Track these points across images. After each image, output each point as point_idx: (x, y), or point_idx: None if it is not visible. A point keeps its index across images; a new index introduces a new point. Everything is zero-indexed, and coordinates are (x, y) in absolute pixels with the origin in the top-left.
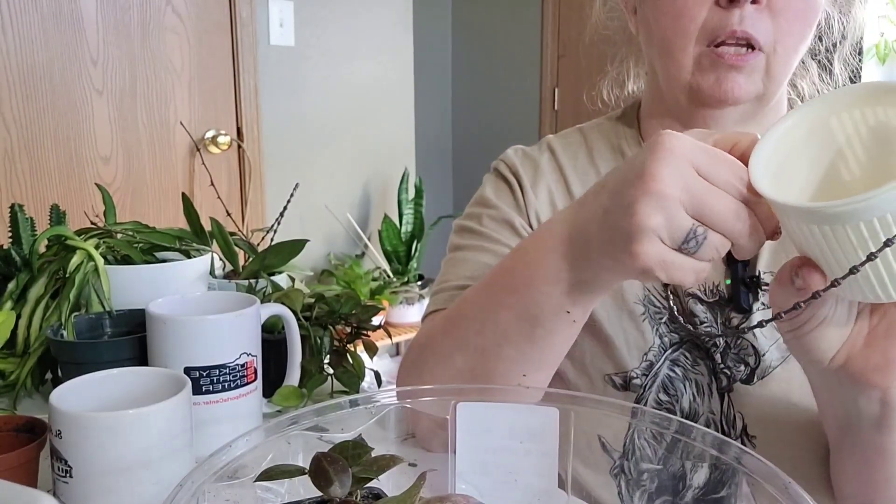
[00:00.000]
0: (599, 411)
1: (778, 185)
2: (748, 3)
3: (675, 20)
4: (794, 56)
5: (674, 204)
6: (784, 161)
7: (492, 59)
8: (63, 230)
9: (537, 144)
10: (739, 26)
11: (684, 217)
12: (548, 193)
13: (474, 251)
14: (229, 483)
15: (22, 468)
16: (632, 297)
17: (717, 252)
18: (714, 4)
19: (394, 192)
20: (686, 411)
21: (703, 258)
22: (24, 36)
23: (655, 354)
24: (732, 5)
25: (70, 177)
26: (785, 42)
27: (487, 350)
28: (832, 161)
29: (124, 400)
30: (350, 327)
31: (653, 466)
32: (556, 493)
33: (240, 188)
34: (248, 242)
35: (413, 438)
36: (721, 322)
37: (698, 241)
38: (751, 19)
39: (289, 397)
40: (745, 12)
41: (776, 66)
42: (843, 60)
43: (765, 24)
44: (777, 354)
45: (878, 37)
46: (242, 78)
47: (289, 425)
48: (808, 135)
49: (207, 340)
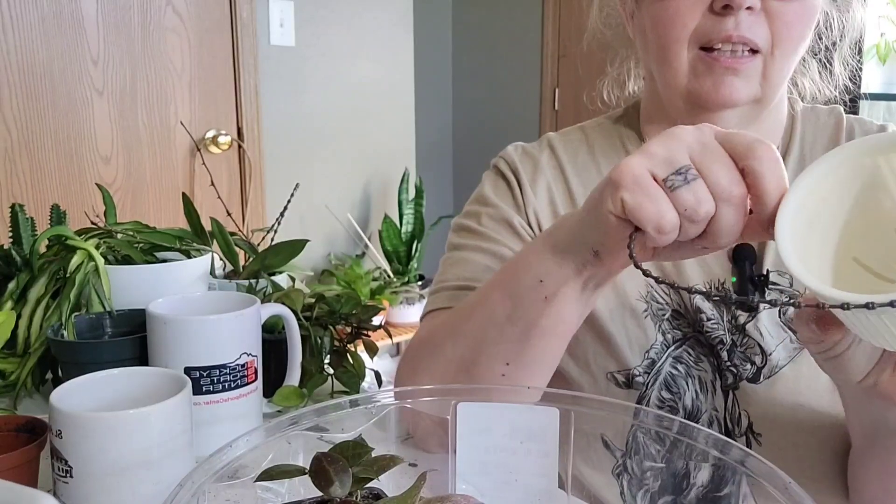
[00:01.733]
0: (600, 411)
1: (805, 243)
2: (742, 9)
3: (668, 27)
4: (791, 59)
5: (679, 144)
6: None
7: (492, 60)
8: (63, 230)
9: (537, 142)
10: (735, 31)
11: (685, 156)
12: (547, 191)
13: (473, 251)
14: (229, 483)
15: (22, 468)
16: (633, 294)
17: (694, 201)
18: (708, 11)
19: (394, 192)
20: (688, 409)
21: (677, 201)
22: (24, 36)
23: (657, 352)
24: (726, 12)
25: (70, 177)
26: (782, 46)
27: (475, 336)
28: (868, 197)
29: (125, 400)
30: (350, 327)
31: (656, 465)
32: (557, 494)
33: (240, 188)
34: (248, 242)
35: (413, 439)
36: (728, 320)
37: (687, 178)
38: (747, 24)
39: (289, 397)
40: (741, 18)
41: (773, 69)
42: (843, 60)
43: (762, 29)
44: (784, 354)
45: (878, 37)
46: (243, 78)
47: (289, 425)
48: (840, 181)
49: (208, 340)
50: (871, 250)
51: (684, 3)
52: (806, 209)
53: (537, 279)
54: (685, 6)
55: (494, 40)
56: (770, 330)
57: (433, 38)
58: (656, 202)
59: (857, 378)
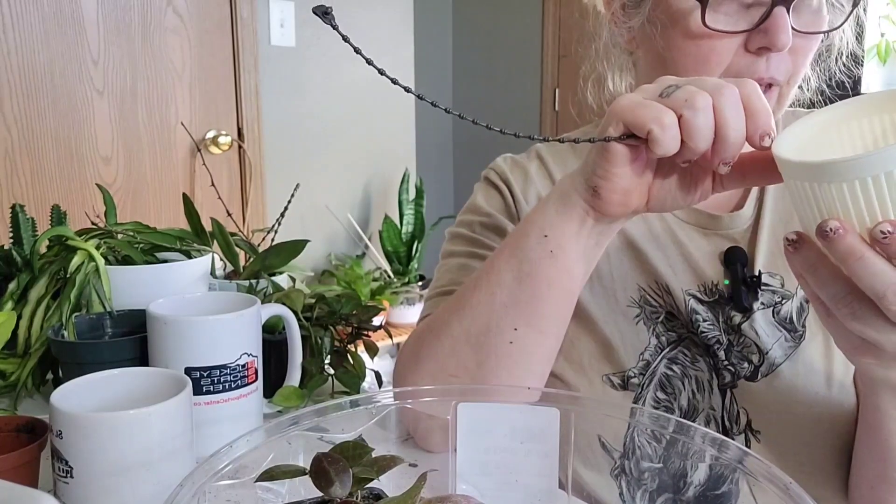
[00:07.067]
0: (599, 411)
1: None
2: (779, 51)
3: (702, 65)
4: (799, 81)
5: (665, 79)
6: (808, 143)
7: (492, 60)
8: (64, 230)
9: (526, 153)
10: (767, 73)
11: (671, 81)
12: (538, 200)
13: (467, 257)
14: (230, 483)
15: (23, 468)
16: (625, 300)
17: (689, 94)
18: (742, 49)
19: (394, 193)
20: (685, 409)
21: (673, 101)
22: (25, 36)
23: (652, 354)
24: (761, 52)
25: (71, 177)
26: (797, 76)
27: (482, 303)
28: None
29: (125, 400)
30: (351, 328)
31: (654, 465)
32: (557, 494)
33: (240, 188)
34: (248, 243)
35: (413, 439)
36: (722, 321)
37: (678, 86)
38: (776, 63)
39: (289, 398)
40: (771, 58)
41: (787, 95)
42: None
43: (785, 65)
44: (780, 352)
45: (878, 37)
46: (243, 78)
47: (289, 426)
48: (833, 130)
49: (208, 341)
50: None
51: (720, 43)
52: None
53: (542, 233)
54: (721, 46)
55: (494, 40)
56: (765, 329)
57: (433, 37)
58: (653, 106)
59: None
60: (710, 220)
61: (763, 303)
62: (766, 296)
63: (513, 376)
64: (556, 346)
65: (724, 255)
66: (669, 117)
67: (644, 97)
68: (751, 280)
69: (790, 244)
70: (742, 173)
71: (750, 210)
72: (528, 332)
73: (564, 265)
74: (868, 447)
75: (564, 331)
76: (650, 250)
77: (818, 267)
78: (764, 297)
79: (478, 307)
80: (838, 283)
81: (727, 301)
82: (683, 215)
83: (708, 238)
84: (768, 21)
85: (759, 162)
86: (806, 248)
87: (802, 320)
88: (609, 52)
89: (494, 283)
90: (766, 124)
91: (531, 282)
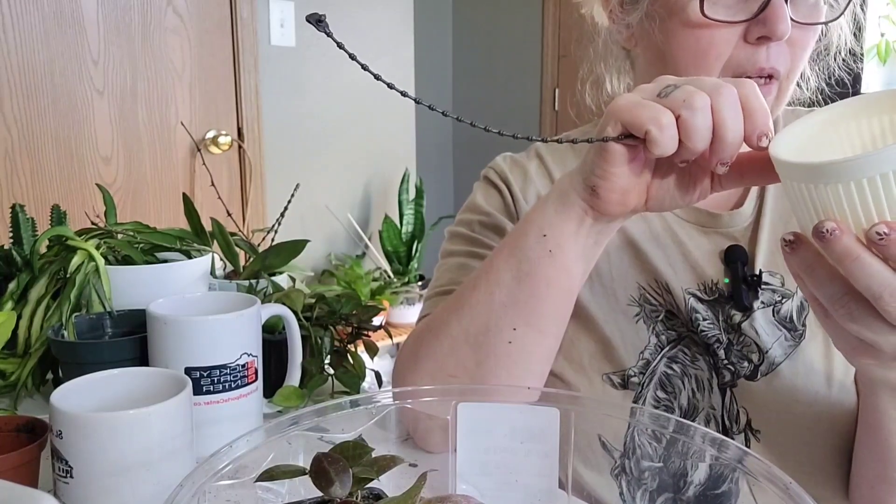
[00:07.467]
0: (599, 411)
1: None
2: (778, 40)
3: (701, 57)
4: (798, 75)
5: (663, 79)
6: (806, 144)
7: (492, 60)
8: (64, 230)
9: (525, 152)
10: (767, 63)
11: (669, 81)
12: (537, 199)
13: (467, 256)
14: (230, 483)
15: (23, 468)
16: (625, 298)
17: (688, 94)
18: (741, 41)
19: (394, 193)
20: (685, 408)
21: (671, 101)
22: (25, 36)
23: (652, 353)
24: (760, 42)
25: (71, 177)
26: (796, 70)
27: (481, 302)
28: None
29: (125, 400)
30: (351, 327)
31: (654, 464)
32: (557, 494)
33: (240, 188)
34: (248, 243)
35: (413, 439)
36: (722, 320)
37: (676, 86)
38: (775, 54)
39: (289, 397)
40: (771, 48)
41: (786, 91)
42: (832, 58)
43: (784, 57)
44: (780, 351)
45: (878, 37)
46: (243, 78)
47: (289, 426)
48: (832, 131)
49: (208, 341)
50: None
51: (719, 33)
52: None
53: (541, 233)
54: (720, 37)
55: (494, 40)
56: (765, 328)
57: (433, 37)
58: (651, 106)
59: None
60: (710, 218)
61: (763, 302)
62: (766, 295)
63: (512, 376)
64: (555, 345)
65: (725, 254)
66: (667, 117)
67: (642, 97)
68: (751, 279)
69: (787, 244)
70: (740, 173)
71: (750, 208)
72: (527, 331)
73: (563, 264)
74: (868, 447)
75: (564, 330)
76: (650, 249)
77: (815, 268)
78: (764, 296)
79: (477, 307)
80: (835, 283)
81: (727, 300)
82: (683, 214)
83: (708, 236)
84: (767, 10)
85: (756, 162)
86: (803, 248)
87: (802, 319)
88: (607, 54)
89: (493, 283)
90: (763, 124)
91: (530, 281)
